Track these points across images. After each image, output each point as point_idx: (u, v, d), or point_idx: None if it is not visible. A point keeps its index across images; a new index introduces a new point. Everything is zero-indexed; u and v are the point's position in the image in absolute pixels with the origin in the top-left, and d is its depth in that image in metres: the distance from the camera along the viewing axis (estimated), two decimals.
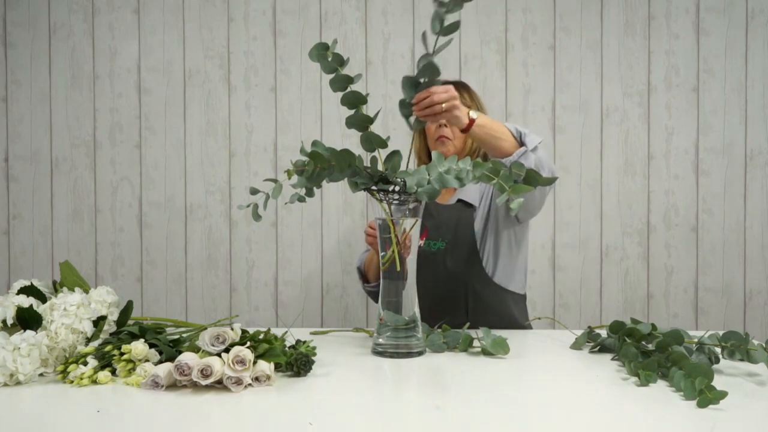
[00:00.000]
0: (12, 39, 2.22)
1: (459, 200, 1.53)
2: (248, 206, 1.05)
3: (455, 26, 1.03)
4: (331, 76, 1.06)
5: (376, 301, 1.62)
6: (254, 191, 1.02)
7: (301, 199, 1.04)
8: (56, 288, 1.07)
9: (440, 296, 1.46)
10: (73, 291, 1.03)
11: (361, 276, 1.61)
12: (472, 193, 1.53)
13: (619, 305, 2.17)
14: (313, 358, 0.96)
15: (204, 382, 0.84)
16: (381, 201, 1.06)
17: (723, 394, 0.78)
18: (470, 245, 1.47)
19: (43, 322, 0.96)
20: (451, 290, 1.47)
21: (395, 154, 1.04)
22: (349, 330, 1.33)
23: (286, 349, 0.98)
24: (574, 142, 2.17)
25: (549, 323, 2.19)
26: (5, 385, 0.89)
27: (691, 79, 2.15)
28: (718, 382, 0.83)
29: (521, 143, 1.27)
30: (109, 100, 2.22)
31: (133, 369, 0.92)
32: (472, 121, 1.21)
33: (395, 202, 1.06)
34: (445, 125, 1.49)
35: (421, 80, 1.12)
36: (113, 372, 0.92)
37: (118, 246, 2.22)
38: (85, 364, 0.91)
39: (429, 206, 1.52)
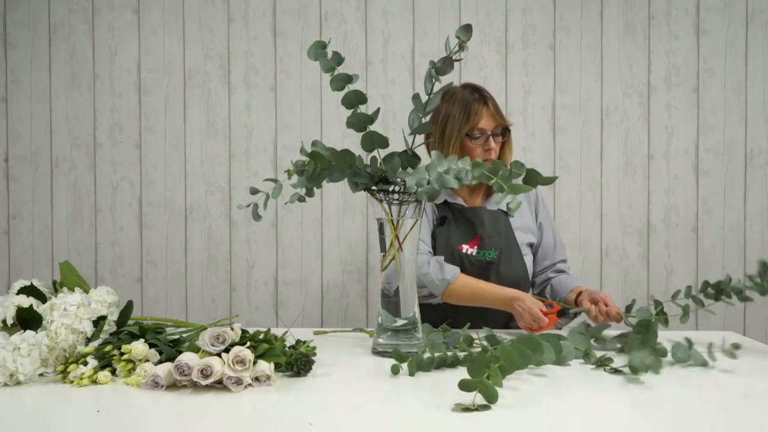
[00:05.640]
0: (12, 39, 2.22)
1: (499, 209, 1.53)
2: (248, 206, 1.05)
3: (448, 87, 1.05)
4: (331, 75, 1.06)
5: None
6: (254, 191, 1.02)
7: (301, 199, 1.04)
8: (56, 288, 1.07)
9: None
10: (73, 291, 1.03)
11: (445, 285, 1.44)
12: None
13: (619, 305, 2.17)
14: (313, 358, 0.96)
15: (204, 382, 0.84)
16: (381, 201, 1.06)
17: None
18: (517, 256, 1.50)
19: (43, 322, 0.96)
20: None
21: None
22: (350, 330, 1.33)
23: (286, 349, 0.99)
24: (574, 142, 2.17)
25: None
26: (5, 385, 0.89)
27: (691, 79, 2.15)
28: (716, 382, 0.83)
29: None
30: (109, 100, 2.22)
31: (133, 369, 0.92)
32: None
33: (395, 202, 1.06)
34: (493, 149, 1.47)
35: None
36: (113, 372, 0.92)
37: (118, 246, 2.22)
38: (85, 364, 0.92)
39: (481, 214, 1.50)
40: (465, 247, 1.46)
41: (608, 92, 2.16)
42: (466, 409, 0.76)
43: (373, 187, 1.06)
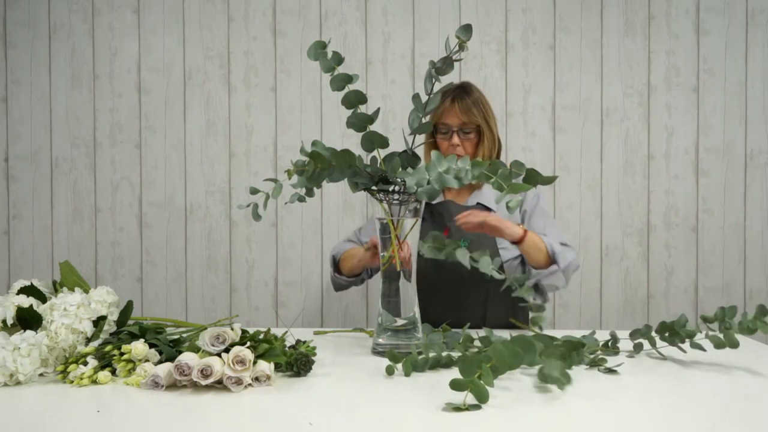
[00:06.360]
0: (12, 39, 2.22)
1: (478, 203, 1.56)
2: (248, 206, 1.05)
3: (448, 86, 1.05)
4: (331, 75, 1.06)
5: (336, 291, 1.63)
6: (254, 191, 1.02)
7: (301, 199, 1.04)
8: (56, 288, 1.07)
9: (462, 295, 1.48)
10: (73, 291, 1.03)
11: (333, 264, 1.59)
12: (490, 197, 1.58)
13: (619, 305, 2.17)
14: (313, 358, 0.96)
15: (204, 382, 0.84)
16: (381, 201, 1.06)
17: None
18: (491, 247, 1.50)
19: (43, 322, 0.96)
20: (473, 289, 1.48)
21: (399, 155, 1.04)
22: (350, 330, 1.33)
23: (286, 349, 0.99)
24: (574, 142, 2.17)
25: (549, 323, 2.19)
26: (5, 385, 0.89)
27: (691, 79, 2.15)
28: (716, 382, 0.83)
29: (554, 260, 1.41)
30: (109, 100, 2.22)
31: (133, 369, 0.92)
32: (525, 231, 1.38)
33: (395, 202, 1.06)
34: (458, 144, 1.52)
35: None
36: (113, 372, 0.92)
37: (118, 246, 2.22)
38: (85, 364, 0.92)
39: (450, 208, 1.54)
40: None
41: (608, 92, 2.16)
42: (457, 408, 0.76)
43: (373, 187, 1.06)
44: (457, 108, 1.51)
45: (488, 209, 1.55)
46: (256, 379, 0.88)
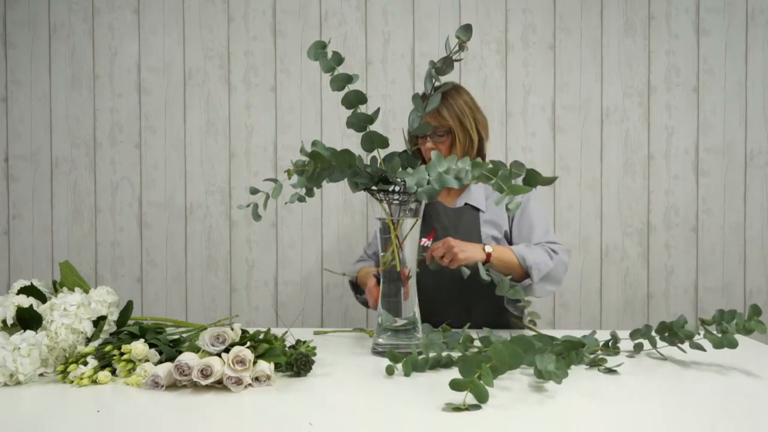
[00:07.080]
0: (12, 39, 2.22)
1: (466, 203, 1.56)
2: (248, 206, 1.05)
3: (448, 86, 1.06)
4: (331, 75, 1.06)
5: (368, 308, 1.64)
6: (254, 191, 1.02)
7: (301, 199, 1.04)
8: (56, 288, 1.07)
9: (447, 296, 1.48)
10: (73, 291, 1.03)
11: (353, 287, 1.60)
12: (478, 197, 1.57)
13: (619, 305, 2.17)
14: (313, 358, 0.96)
15: (204, 382, 0.84)
16: (381, 201, 1.06)
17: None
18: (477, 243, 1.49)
19: (43, 322, 0.96)
20: (458, 290, 1.48)
21: (396, 154, 1.04)
22: (350, 330, 1.33)
23: (286, 349, 0.99)
24: (574, 142, 2.17)
25: (549, 323, 2.19)
26: (5, 385, 0.89)
27: (691, 79, 2.15)
28: (716, 382, 0.83)
29: (528, 274, 1.41)
30: (109, 100, 2.22)
31: (133, 369, 0.92)
32: (489, 254, 1.37)
33: (395, 202, 1.06)
34: (432, 148, 1.51)
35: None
36: (113, 372, 0.93)
37: (118, 246, 2.22)
38: (85, 364, 0.92)
39: (438, 208, 1.55)
40: (424, 240, 1.50)
41: (608, 92, 2.16)
42: (457, 408, 0.76)
43: (373, 187, 1.06)
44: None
45: (476, 210, 1.55)
46: (256, 379, 0.88)
